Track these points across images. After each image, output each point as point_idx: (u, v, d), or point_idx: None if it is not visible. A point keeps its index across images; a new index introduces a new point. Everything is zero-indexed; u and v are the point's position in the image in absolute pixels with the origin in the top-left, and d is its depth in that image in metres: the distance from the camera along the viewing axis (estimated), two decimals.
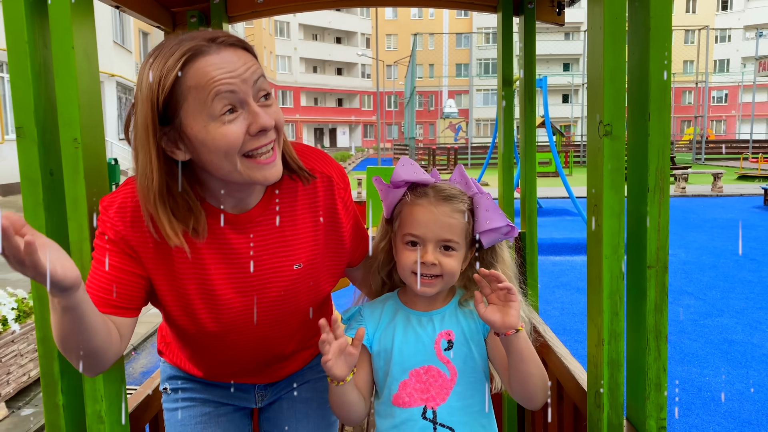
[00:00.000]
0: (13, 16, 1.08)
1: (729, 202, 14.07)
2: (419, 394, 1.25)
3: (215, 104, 1.01)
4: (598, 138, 1.11)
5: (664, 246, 1.12)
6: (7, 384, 3.54)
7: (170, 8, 2.09)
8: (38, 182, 1.11)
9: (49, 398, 1.17)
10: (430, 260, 1.20)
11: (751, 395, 3.80)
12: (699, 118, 30.97)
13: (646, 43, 1.09)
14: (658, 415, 1.15)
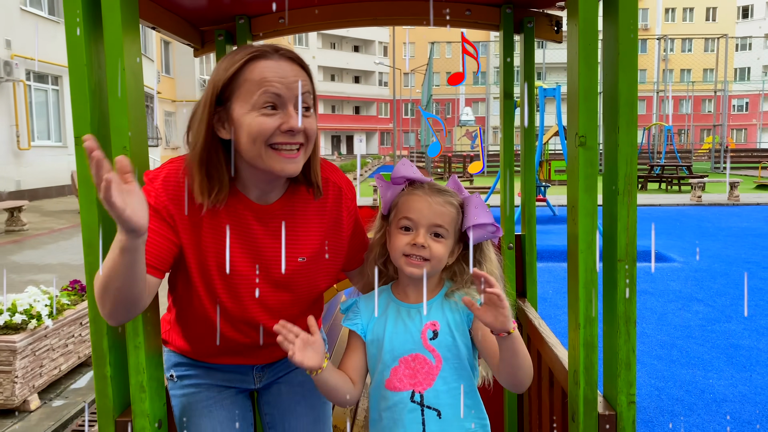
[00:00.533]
0: (74, 43, 1.27)
1: (745, 211, 14.03)
2: (408, 379, 1.40)
3: (260, 98, 1.25)
4: (575, 148, 1.28)
5: (632, 242, 1.28)
6: (40, 376, 3.75)
7: (199, 27, 2.29)
8: (93, 185, 1.30)
9: (98, 370, 1.35)
10: (420, 242, 1.36)
11: (753, 397, 3.90)
12: (719, 127, 30.74)
13: (615, 67, 1.25)
14: (628, 391, 1.31)
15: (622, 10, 1.24)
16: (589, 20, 1.24)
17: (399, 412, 1.40)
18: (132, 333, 1.32)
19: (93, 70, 1.31)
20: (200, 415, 1.52)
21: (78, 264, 7.99)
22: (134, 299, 1.20)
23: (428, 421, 1.38)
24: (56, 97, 17.31)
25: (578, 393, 1.32)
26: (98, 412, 1.37)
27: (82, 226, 1.31)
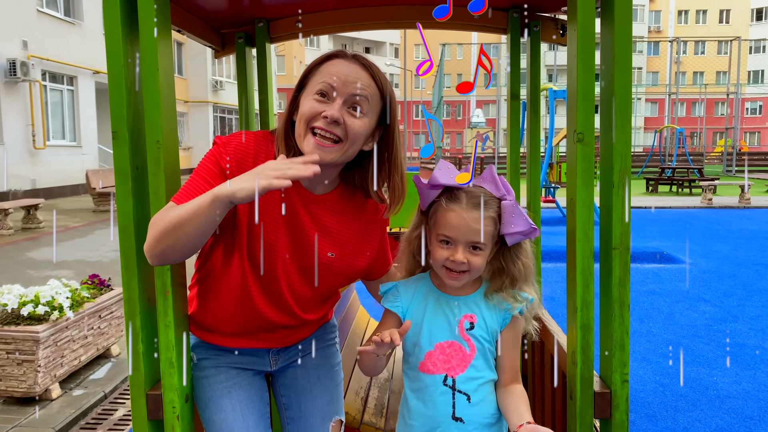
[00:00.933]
0: (113, 46, 1.39)
1: (756, 213, 14.01)
2: (442, 364, 1.48)
3: (317, 86, 1.41)
4: (573, 144, 1.38)
5: (626, 231, 1.38)
6: (61, 366, 3.88)
7: (220, 30, 2.41)
8: (128, 175, 1.42)
9: (133, 346, 1.46)
10: (459, 259, 1.42)
11: (756, 394, 3.97)
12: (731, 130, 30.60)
13: (611, 70, 1.35)
14: (622, 370, 1.40)
15: (618, 17, 1.34)
16: (587, 26, 1.34)
17: (431, 394, 1.48)
18: (163, 312, 1.43)
19: (129, 71, 1.42)
20: (220, 395, 1.61)
21: (93, 261, 8.16)
22: (193, 247, 1.33)
23: (458, 404, 1.46)
24: (71, 97, 17.56)
25: (576, 372, 1.42)
26: (131, 386, 1.48)
27: (118, 213, 1.43)
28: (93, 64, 17.93)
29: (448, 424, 1.46)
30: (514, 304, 1.48)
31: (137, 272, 1.44)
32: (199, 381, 1.65)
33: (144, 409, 1.48)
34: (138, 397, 1.48)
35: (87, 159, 17.89)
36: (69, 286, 4.01)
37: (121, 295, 4.53)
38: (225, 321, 1.62)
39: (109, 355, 4.55)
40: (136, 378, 1.48)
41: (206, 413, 1.61)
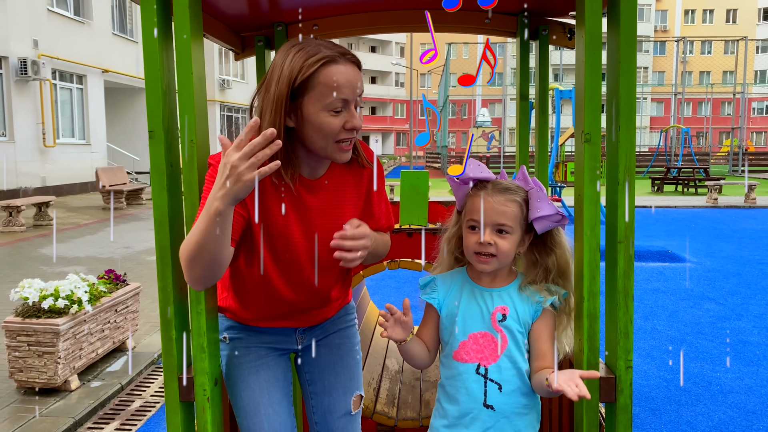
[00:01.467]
0: (150, 51, 1.48)
1: (762, 213, 14.04)
2: (475, 353, 1.56)
3: (332, 102, 1.46)
4: (581, 144, 1.46)
5: (630, 225, 1.47)
6: (80, 358, 3.99)
7: (240, 33, 2.50)
8: (163, 172, 1.51)
9: (165, 333, 1.56)
10: (486, 240, 1.50)
11: (758, 390, 4.05)
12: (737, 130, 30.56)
13: (617, 73, 1.44)
14: (626, 357, 1.49)
15: (624, 23, 1.43)
16: (594, 32, 1.43)
17: (464, 381, 1.57)
18: (195, 300, 1.53)
19: (164, 74, 1.52)
20: (248, 374, 1.72)
21: (105, 257, 8.28)
22: (221, 262, 1.42)
23: (490, 392, 1.54)
24: (80, 95, 17.71)
25: (582, 359, 1.51)
26: (164, 371, 1.57)
27: (154, 207, 1.52)
28: (102, 62, 18.08)
29: (480, 411, 1.54)
30: (546, 296, 1.54)
31: (171, 263, 1.54)
32: (230, 360, 1.76)
33: (176, 392, 1.58)
34: (171, 381, 1.57)
35: (96, 157, 18.04)
36: (87, 281, 4.12)
37: (136, 290, 4.65)
38: (255, 307, 1.73)
39: (125, 348, 4.66)
40: (168, 362, 1.57)
41: (235, 390, 1.71)
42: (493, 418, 1.54)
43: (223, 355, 1.77)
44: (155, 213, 1.53)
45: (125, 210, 13.72)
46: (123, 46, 19.66)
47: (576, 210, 1.52)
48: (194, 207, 1.50)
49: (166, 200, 1.52)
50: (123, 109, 21.48)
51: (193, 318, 1.54)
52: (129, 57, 19.91)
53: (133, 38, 20.45)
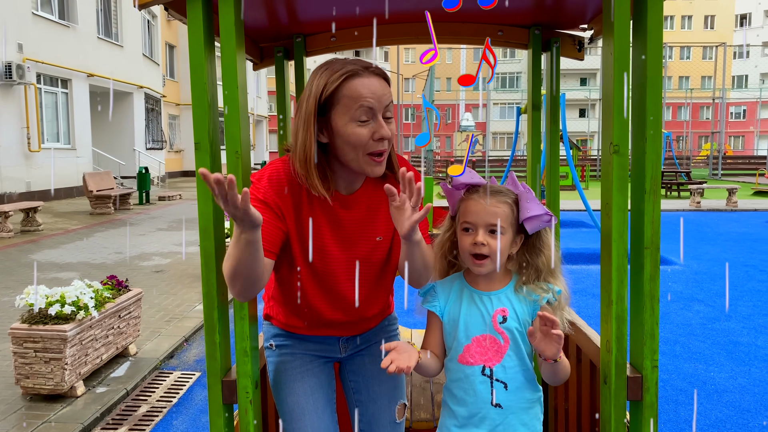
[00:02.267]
0: (197, 66, 1.54)
1: (743, 216, 14.34)
2: (479, 355, 1.63)
3: (357, 112, 1.52)
4: (609, 155, 1.54)
5: (656, 232, 1.55)
6: (85, 364, 4.00)
7: (259, 44, 2.56)
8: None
9: (209, 337, 1.61)
10: (480, 241, 1.58)
11: (752, 389, 4.17)
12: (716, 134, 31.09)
13: (643, 89, 1.52)
14: (652, 357, 1.57)
15: (650, 41, 1.51)
16: (622, 47, 1.51)
17: (471, 383, 1.63)
18: (239, 306, 1.58)
19: (209, 87, 1.57)
20: (294, 380, 1.77)
21: (98, 263, 8.24)
22: (258, 278, 1.47)
23: (497, 391, 1.61)
24: (65, 99, 17.57)
25: (610, 359, 1.58)
26: (208, 373, 1.62)
27: (199, 215, 1.58)
28: (87, 67, 17.95)
29: (488, 410, 1.61)
30: (542, 294, 1.62)
31: (215, 269, 1.59)
32: (277, 366, 1.81)
33: (219, 394, 1.63)
34: (214, 384, 1.62)
35: (81, 162, 17.88)
36: (92, 287, 4.14)
37: (138, 296, 4.66)
38: (298, 316, 1.79)
39: (127, 354, 4.67)
40: (212, 366, 1.62)
41: (281, 395, 1.77)
42: (502, 416, 1.62)
43: (270, 362, 1.83)
44: (200, 221, 1.58)
45: (113, 215, 13.63)
46: (108, 50, 19.53)
47: (603, 217, 1.59)
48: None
49: (211, 209, 1.57)
50: (108, 113, 21.33)
51: (237, 323, 1.59)
52: (114, 61, 19.78)
53: (119, 42, 20.33)
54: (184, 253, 8.99)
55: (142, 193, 16.30)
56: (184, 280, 7.21)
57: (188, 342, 5.25)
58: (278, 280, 1.75)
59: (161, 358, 4.71)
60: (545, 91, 2.60)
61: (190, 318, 5.72)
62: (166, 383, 4.34)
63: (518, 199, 1.64)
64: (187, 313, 5.90)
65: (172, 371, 4.58)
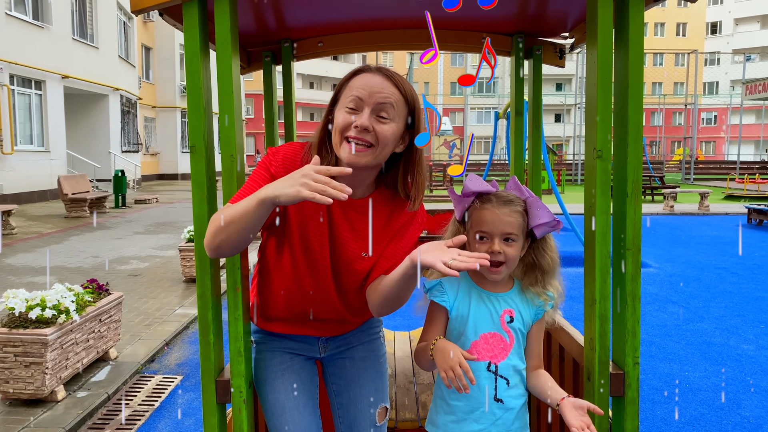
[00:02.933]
0: (192, 71, 1.57)
1: (715, 220, 14.65)
2: (486, 352, 1.68)
3: (348, 101, 1.59)
4: (593, 159, 1.60)
5: (638, 234, 1.61)
6: (66, 369, 3.97)
7: (247, 48, 2.58)
8: (204, 184, 1.59)
9: (203, 337, 1.63)
10: (497, 249, 1.62)
11: (724, 387, 4.28)
12: (689, 139, 31.71)
13: (625, 97, 1.59)
14: (633, 354, 1.63)
15: (632, 52, 1.58)
16: (605, 57, 1.57)
17: (476, 378, 1.67)
18: (233, 307, 1.61)
19: (204, 92, 1.60)
20: (275, 377, 1.79)
21: (74, 266, 8.15)
22: (244, 242, 1.51)
23: (499, 387, 1.67)
24: (39, 101, 17.31)
25: (594, 357, 1.64)
26: (202, 373, 1.65)
27: (194, 218, 1.60)
28: (62, 68, 17.71)
29: (491, 404, 1.66)
30: (546, 300, 1.69)
31: (209, 272, 1.61)
32: (257, 363, 1.83)
33: (213, 394, 1.65)
34: (208, 384, 1.64)
35: (55, 164, 17.62)
36: (73, 290, 4.10)
37: (119, 300, 4.64)
38: (280, 309, 1.80)
39: (108, 358, 4.63)
40: (206, 366, 1.64)
41: (262, 392, 1.79)
42: (502, 410, 1.68)
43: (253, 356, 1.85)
44: (195, 224, 1.60)
45: (89, 218, 13.46)
46: (84, 52, 19.29)
47: (586, 219, 1.65)
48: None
49: (206, 211, 1.60)
50: (83, 115, 21.05)
51: (231, 323, 1.61)
52: (90, 63, 19.55)
53: (94, 44, 20.09)
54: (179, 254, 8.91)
55: (118, 196, 16.12)
56: (163, 284, 7.16)
57: (169, 346, 5.23)
58: (265, 266, 1.76)
59: (142, 362, 4.68)
60: (527, 97, 2.67)
61: (171, 322, 5.69)
62: (147, 387, 4.32)
63: (527, 206, 1.70)
64: (168, 316, 5.86)
65: (154, 375, 4.55)
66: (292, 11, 2.14)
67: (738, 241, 11.26)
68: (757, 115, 49.51)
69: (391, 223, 1.74)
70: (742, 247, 10.47)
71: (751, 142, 50.01)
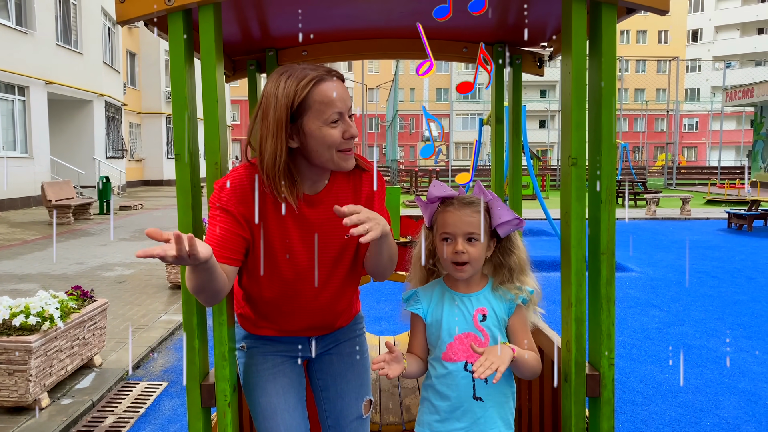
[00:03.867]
0: (177, 81, 1.60)
1: (696, 225, 14.84)
2: (462, 352, 1.73)
3: (329, 116, 1.60)
4: (568, 167, 1.66)
5: (612, 239, 1.66)
6: (50, 376, 3.96)
7: (231, 57, 2.62)
8: (188, 192, 1.62)
9: (189, 342, 1.66)
10: (459, 249, 1.69)
11: (704, 389, 4.36)
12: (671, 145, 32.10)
13: (599, 105, 1.64)
14: (609, 356, 1.68)
15: (605, 62, 1.63)
16: (579, 70, 1.63)
17: (454, 378, 1.73)
18: (217, 312, 1.64)
19: (188, 101, 1.63)
20: (266, 380, 1.82)
21: (58, 273, 8.09)
22: (220, 290, 1.55)
23: (477, 385, 1.72)
24: (22, 107, 17.17)
25: (571, 358, 1.69)
26: (187, 378, 1.67)
27: (179, 225, 1.63)
28: (45, 74, 17.59)
29: (471, 403, 1.71)
30: (517, 293, 1.75)
31: None
32: (248, 368, 1.87)
33: (198, 398, 1.68)
34: (193, 388, 1.67)
35: (39, 171, 17.48)
36: (57, 297, 4.10)
37: (104, 306, 4.63)
38: (270, 315, 1.84)
39: (92, 365, 4.62)
40: (191, 370, 1.67)
41: (253, 396, 1.82)
42: (483, 408, 1.73)
43: (240, 363, 1.87)
44: (180, 230, 1.63)
45: (73, 225, 13.37)
46: (68, 58, 19.18)
47: (563, 225, 1.71)
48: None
49: (191, 218, 1.63)
50: (68, 121, 20.90)
51: (215, 328, 1.64)
52: (74, 68, 19.42)
53: (78, 49, 19.97)
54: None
55: (102, 202, 16.01)
56: (148, 291, 7.14)
57: (154, 352, 5.22)
58: (248, 284, 1.80)
59: (127, 369, 4.68)
60: (507, 103, 2.73)
61: (156, 328, 5.68)
62: (132, 394, 4.31)
63: (489, 206, 1.76)
64: (153, 323, 5.85)
65: (139, 381, 4.55)
66: (276, 21, 2.18)
67: (718, 245, 11.43)
68: (738, 121, 50.23)
69: (358, 194, 1.81)
70: (722, 252, 10.63)
71: (731, 148, 50.71)
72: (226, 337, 1.64)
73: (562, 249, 1.72)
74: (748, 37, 54.76)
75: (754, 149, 28.65)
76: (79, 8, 20.23)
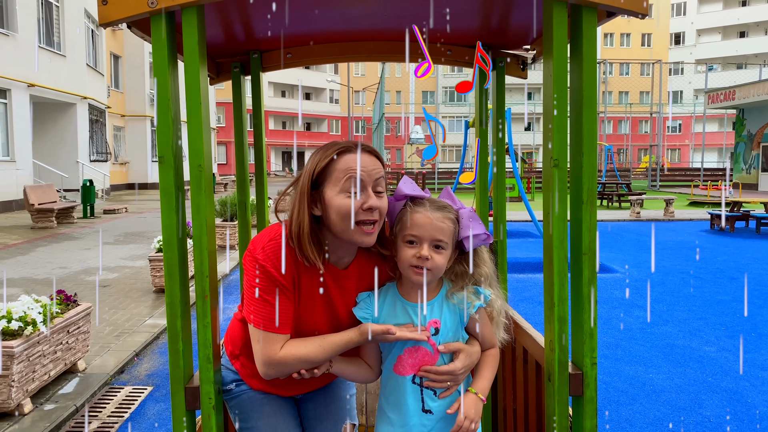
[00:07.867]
0: (162, 83, 1.59)
1: (679, 226, 15.01)
2: (410, 366, 1.71)
3: (345, 183, 1.60)
4: (550, 168, 1.67)
5: (593, 239, 1.68)
6: (33, 381, 3.92)
7: (215, 59, 2.61)
8: (172, 195, 1.62)
9: (172, 345, 1.65)
10: (425, 255, 1.63)
11: (687, 388, 4.41)
12: (655, 147, 32.40)
13: (580, 108, 1.66)
14: (591, 355, 1.70)
15: (586, 65, 1.65)
16: (560, 71, 1.64)
17: (402, 392, 1.72)
18: (201, 314, 1.63)
19: (172, 104, 1.63)
20: (261, 404, 1.84)
21: (41, 278, 8.01)
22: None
23: (426, 398, 1.71)
24: (4, 110, 16.99)
25: (554, 358, 1.70)
26: (171, 381, 1.66)
27: (163, 228, 1.62)
28: (28, 76, 17.42)
29: (420, 417, 1.71)
30: (473, 301, 1.71)
31: (178, 279, 1.64)
32: (239, 398, 1.88)
33: (183, 401, 1.67)
34: (177, 391, 1.66)
35: (21, 174, 17.30)
36: (40, 302, 4.06)
37: (87, 311, 4.59)
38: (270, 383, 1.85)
39: (76, 370, 4.58)
40: (175, 373, 1.66)
41: (249, 423, 1.83)
42: (432, 421, 1.72)
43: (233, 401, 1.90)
44: (164, 233, 1.62)
45: (56, 229, 13.24)
46: (50, 60, 19.00)
47: (545, 226, 1.72)
48: (201, 228, 1.61)
49: (175, 221, 1.62)
50: (51, 124, 20.70)
51: (200, 331, 1.64)
52: (57, 71, 19.25)
53: (61, 52, 19.80)
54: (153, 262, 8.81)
55: (86, 206, 15.87)
56: (132, 295, 7.09)
57: (139, 356, 5.18)
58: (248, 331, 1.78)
59: (111, 374, 4.64)
60: (491, 106, 2.74)
61: (140, 332, 5.64)
62: (116, 399, 4.28)
63: (459, 216, 1.72)
64: (137, 327, 5.81)
65: (123, 386, 4.52)
66: (259, 24, 2.18)
67: (701, 246, 11.55)
68: (720, 123, 50.86)
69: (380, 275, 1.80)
70: (704, 252, 10.75)
71: (714, 150, 51.30)
72: (211, 340, 1.64)
73: (545, 250, 1.73)
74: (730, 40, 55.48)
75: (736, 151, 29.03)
76: (61, 10, 20.06)
